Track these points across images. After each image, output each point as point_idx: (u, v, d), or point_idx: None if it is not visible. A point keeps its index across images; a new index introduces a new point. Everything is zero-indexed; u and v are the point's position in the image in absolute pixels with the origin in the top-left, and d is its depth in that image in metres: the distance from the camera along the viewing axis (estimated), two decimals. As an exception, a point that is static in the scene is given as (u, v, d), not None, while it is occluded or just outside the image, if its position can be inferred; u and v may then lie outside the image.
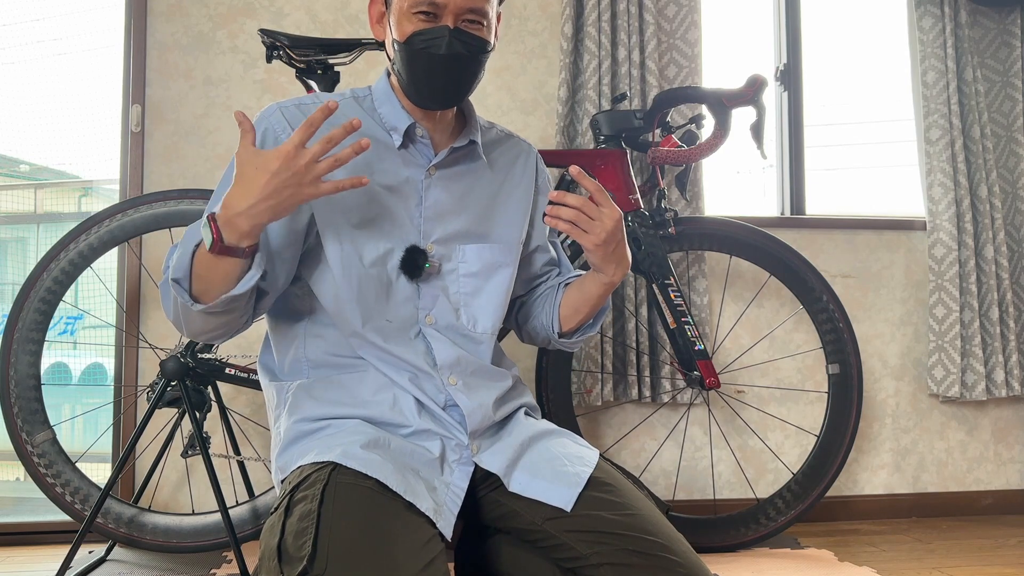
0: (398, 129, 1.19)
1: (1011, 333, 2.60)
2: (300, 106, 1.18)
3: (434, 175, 1.21)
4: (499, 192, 1.28)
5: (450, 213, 1.22)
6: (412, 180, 1.20)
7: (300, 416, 1.15)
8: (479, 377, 1.20)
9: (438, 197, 1.21)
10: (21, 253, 3.34)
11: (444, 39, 1.11)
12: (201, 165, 2.35)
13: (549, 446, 1.16)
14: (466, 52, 1.13)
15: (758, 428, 2.54)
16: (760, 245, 2.22)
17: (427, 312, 1.19)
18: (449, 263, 1.21)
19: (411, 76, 1.15)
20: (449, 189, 1.22)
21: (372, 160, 1.18)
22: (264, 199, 0.98)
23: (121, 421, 2.28)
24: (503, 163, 1.31)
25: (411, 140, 1.21)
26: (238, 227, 0.99)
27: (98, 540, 2.11)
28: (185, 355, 1.89)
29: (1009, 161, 2.70)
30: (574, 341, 1.35)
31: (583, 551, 1.02)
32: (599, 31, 2.40)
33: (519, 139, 1.37)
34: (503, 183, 1.29)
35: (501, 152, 1.32)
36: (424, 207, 1.20)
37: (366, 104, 1.23)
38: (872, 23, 2.96)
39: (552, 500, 1.06)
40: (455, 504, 1.07)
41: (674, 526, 1.08)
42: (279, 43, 1.89)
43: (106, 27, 2.78)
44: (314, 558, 0.91)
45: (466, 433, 1.14)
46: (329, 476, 1.00)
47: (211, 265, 1.02)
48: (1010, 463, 2.69)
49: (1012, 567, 2.05)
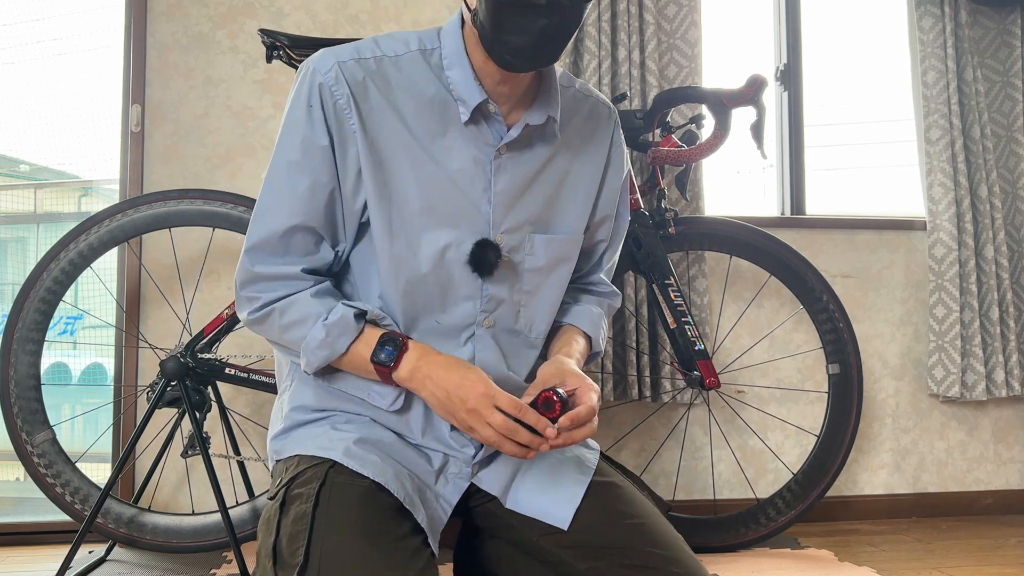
0: (468, 103, 1.03)
1: (1011, 333, 2.60)
2: (360, 60, 1.03)
3: (504, 155, 1.06)
4: (569, 172, 1.12)
5: (521, 197, 1.07)
6: (480, 160, 1.05)
7: (301, 403, 1.11)
8: None
9: (509, 182, 1.06)
10: (21, 253, 3.35)
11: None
12: (201, 165, 2.35)
13: (548, 454, 1.10)
14: (568, 3, 0.93)
15: (758, 428, 2.54)
16: (760, 245, 2.22)
17: (487, 314, 1.08)
18: (517, 255, 1.08)
19: (497, 31, 0.95)
20: (521, 171, 1.07)
21: (435, 137, 1.04)
22: (441, 389, 0.99)
23: (121, 421, 2.28)
24: (579, 137, 1.14)
25: (482, 115, 1.05)
26: (413, 383, 1.01)
27: (98, 540, 2.10)
28: (185, 355, 1.89)
29: (1009, 161, 2.70)
30: None
31: (580, 567, 1.00)
32: (599, 31, 2.40)
33: (598, 101, 1.18)
34: (574, 160, 1.13)
35: (578, 121, 1.14)
36: (494, 192, 1.05)
37: (434, 60, 1.05)
38: (872, 23, 2.96)
39: (549, 519, 1.03)
40: (440, 521, 1.04)
41: (674, 526, 1.07)
42: (279, 43, 1.89)
43: (106, 27, 2.78)
44: (305, 568, 0.90)
45: (474, 450, 1.08)
46: (326, 475, 0.98)
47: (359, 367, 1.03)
48: (1010, 463, 2.69)
49: (1012, 567, 2.05)
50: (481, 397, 0.95)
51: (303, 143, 1.02)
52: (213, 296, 2.32)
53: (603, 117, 1.17)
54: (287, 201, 1.02)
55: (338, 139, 1.02)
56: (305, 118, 1.02)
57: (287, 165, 1.02)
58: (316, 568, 0.90)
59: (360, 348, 1.01)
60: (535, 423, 0.94)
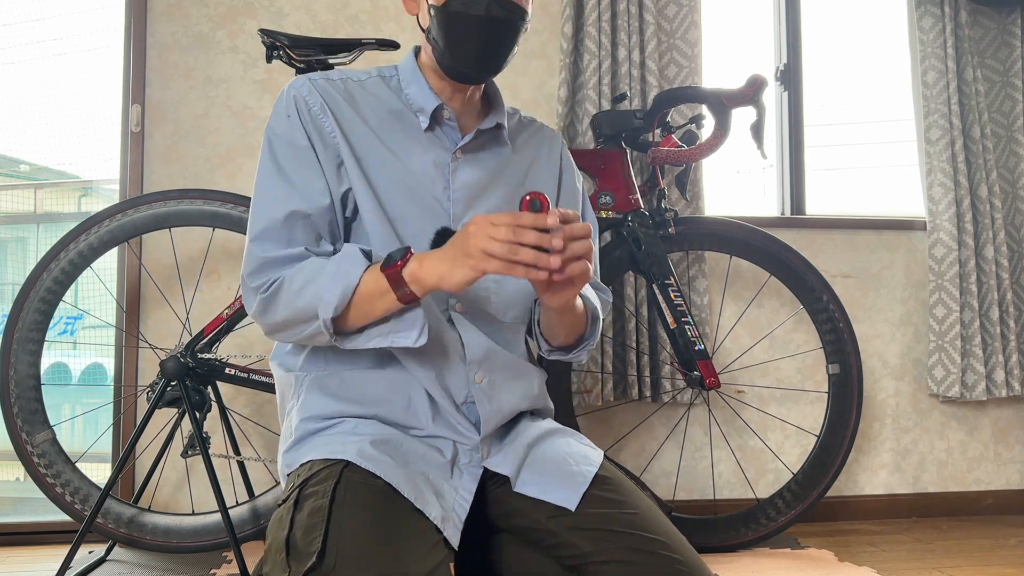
0: (425, 110, 1.18)
1: (1011, 333, 2.60)
2: (328, 80, 1.19)
3: (460, 158, 1.20)
4: (527, 176, 1.26)
5: (479, 197, 1.20)
6: (439, 163, 1.18)
7: (311, 413, 1.14)
8: (506, 374, 1.18)
9: (466, 180, 1.19)
10: (21, 253, 3.35)
11: (484, 2, 1.10)
12: (201, 165, 2.35)
13: (555, 446, 1.16)
14: (504, 17, 1.11)
15: (758, 428, 2.54)
16: (760, 245, 2.22)
17: (457, 300, 1.16)
18: None
19: (447, 42, 1.13)
20: (476, 172, 1.20)
21: (399, 142, 1.17)
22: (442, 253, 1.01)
23: (121, 421, 2.28)
24: (529, 148, 1.29)
25: (438, 122, 1.19)
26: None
27: (98, 540, 2.10)
28: (185, 355, 1.89)
29: (1009, 161, 2.70)
30: (571, 356, 1.28)
31: (586, 548, 1.02)
32: (599, 31, 2.40)
33: (543, 125, 1.36)
34: (530, 167, 1.27)
35: (526, 138, 1.30)
36: (452, 190, 1.18)
37: (392, 83, 1.22)
38: (872, 23, 2.97)
39: (557, 499, 1.06)
40: (463, 509, 1.06)
41: (675, 526, 1.09)
42: (279, 43, 1.89)
43: (106, 27, 2.78)
44: (323, 554, 0.91)
45: (479, 435, 1.14)
46: (341, 473, 1.00)
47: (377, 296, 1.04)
48: (1010, 463, 2.69)
49: (1012, 567, 2.05)
50: (480, 221, 0.98)
51: (287, 145, 1.15)
52: (213, 296, 2.32)
53: (548, 134, 1.34)
54: (281, 192, 1.12)
55: (317, 138, 1.14)
56: (285, 125, 1.16)
57: (275, 165, 1.14)
58: (334, 555, 0.91)
59: (370, 276, 1.05)
60: (533, 221, 0.95)
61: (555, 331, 1.20)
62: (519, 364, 1.21)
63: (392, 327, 1.07)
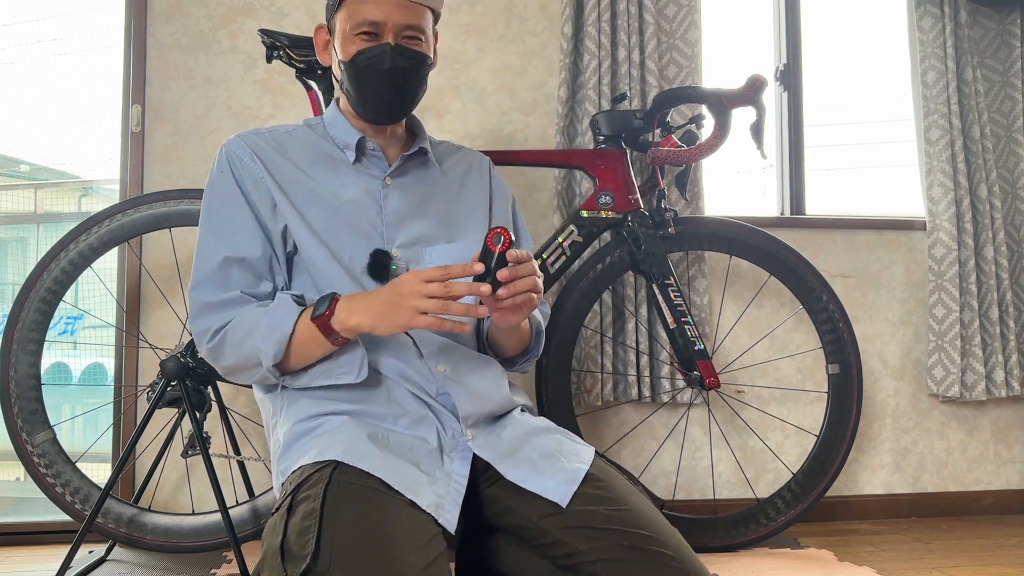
0: (350, 145, 1.28)
1: (1011, 333, 2.60)
2: (258, 134, 1.30)
3: (390, 184, 1.29)
4: (458, 196, 1.36)
5: (411, 218, 1.28)
6: (371, 191, 1.28)
7: (297, 417, 1.16)
8: (467, 363, 1.23)
9: (397, 204, 1.28)
10: (21, 253, 3.34)
11: (387, 55, 1.21)
12: (201, 165, 2.35)
13: (546, 442, 1.17)
14: (408, 65, 1.23)
15: (758, 428, 2.54)
16: (760, 245, 2.22)
17: None
18: (417, 266, 1.26)
19: (359, 93, 1.25)
20: (407, 196, 1.29)
21: (329, 178, 1.27)
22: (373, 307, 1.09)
23: (121, 421, 2.28)
24: (458, 171, 1.39)
25: (363, 153, 1.29)
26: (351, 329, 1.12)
27: (98, 540, 2.11)
28: (185, 355, 1.89)
29: (1009, 161, 2.70)
30: (517, 368, 1.38)
31: (579, 547, 1.02)
32: (599, 31, 2.40)
33: (470, 150, 1.46)
34: (461, 188, 1.37)
35: (454, 162, 1.40)
36: (384, 214, 1.26)
37: (319, 130, 1.33)
38: (872, 23, 2.97)
39: (548, 494, 1.07)
40: (458, 494, 1.07)
41: (674, 526, 1.09)
42: (279, 43, 1.89)
43: (106, 27, 2.78)
44: (317, 556, 0.91)
45: (459, 420, 1.17)
46: (331, 475, 1.01)
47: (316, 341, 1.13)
48: (1010, 463, 2.69)
49: (1012, 567, 2.05)
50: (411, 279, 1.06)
51: (220, 198, 1.24)
52: (213, 296, 2.32)
53: (476, 158, 1.44)
54: (214, 242, 1.21)
55: (250, 186, 1.24)
56: (218, 180, 1.25)
57: (208, 219, 1.24)
58: (328, 557, 0.91)
59: (303, 323, 1.12)
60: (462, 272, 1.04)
61: (504, 346, 1.30)
62: (479, 356, 1.27)
63: (333, 367, 1.15)
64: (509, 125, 2.47)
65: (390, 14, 1.20)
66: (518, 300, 1.07)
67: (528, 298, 1.08)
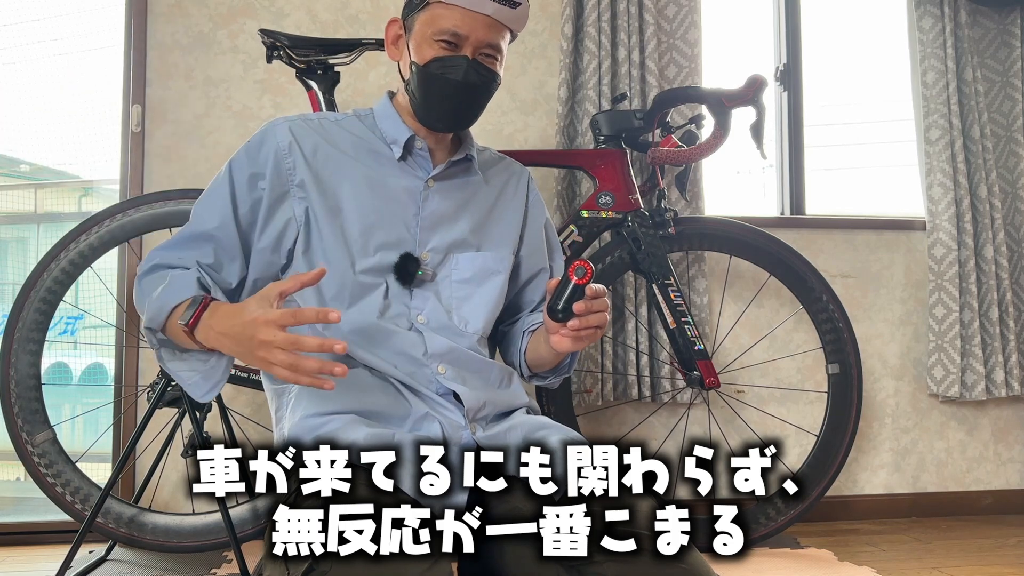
0: (398, 141, 1.26)
1: (1011, 333, 2.60)
2: (305, 119, 1.29)
3: (432, 186, 1.28)
4: (495, 206, 1.35)
5: (446, 223, 1.27)
6: (411, 190, 1.26)
7: (303, 413, 1.16)
8: (470, 367, 1.23)
9: (436, 207, 1.27)
10: (21, 253, 3.34)
11: (462, 67, 1.20)
12: (201, 165, 2.35)
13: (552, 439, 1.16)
14: (479, 82, 1.22)
15: (758, 428, 2.54)
16: (760, 245, 2.22)
17: (419, 312, 1.24)
18: (443, 270, 1.26)
19: (425, 97, 1.23)
20: (446, 200, 1.28)
21: (373, 168, 1.26)
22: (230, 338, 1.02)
23: (121, 421, 2.28)
24: (498, 181, 1.38)
25: (410, 152, 1.27)
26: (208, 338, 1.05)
27: (98, 540, 2.10)
28: (185, 355, 1.89)
29: (1009, 161, 2.70)
30: (548, 382, 1.38)
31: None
32: (599, 31, 2.40)
33: (512, 160, 1.44)
34: (498, 198, 1.36)
35: (496, 172, 1.39)
36: (422, 216, 1.26)
37: (367, 121, 1.31)
38: (872, 23, 2.97)
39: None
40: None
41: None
42: (279, 43, 1.89)
43: (106, 27, 2.78)
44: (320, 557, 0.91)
45: (462, 414, 1.17)
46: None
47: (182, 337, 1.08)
48: (1010, 463, 2.69)
49: (1012, 567, 2.05)
50: (260, 322, 0.97)
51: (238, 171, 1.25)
52: (213, 296, 2.32)
53: (517, 169, 1.43)
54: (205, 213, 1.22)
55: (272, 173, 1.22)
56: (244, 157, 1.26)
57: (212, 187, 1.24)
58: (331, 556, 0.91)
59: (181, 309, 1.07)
60: (315, 317, 0.99)
61: (543, 362, 1.30)
62: (481, 359, 1.26)
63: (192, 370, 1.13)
64: (509, 125, 2.47)
65: (475, 29, 1.19)
66: (583, 333, 1.10)
67: (594, 332, 1.12)
